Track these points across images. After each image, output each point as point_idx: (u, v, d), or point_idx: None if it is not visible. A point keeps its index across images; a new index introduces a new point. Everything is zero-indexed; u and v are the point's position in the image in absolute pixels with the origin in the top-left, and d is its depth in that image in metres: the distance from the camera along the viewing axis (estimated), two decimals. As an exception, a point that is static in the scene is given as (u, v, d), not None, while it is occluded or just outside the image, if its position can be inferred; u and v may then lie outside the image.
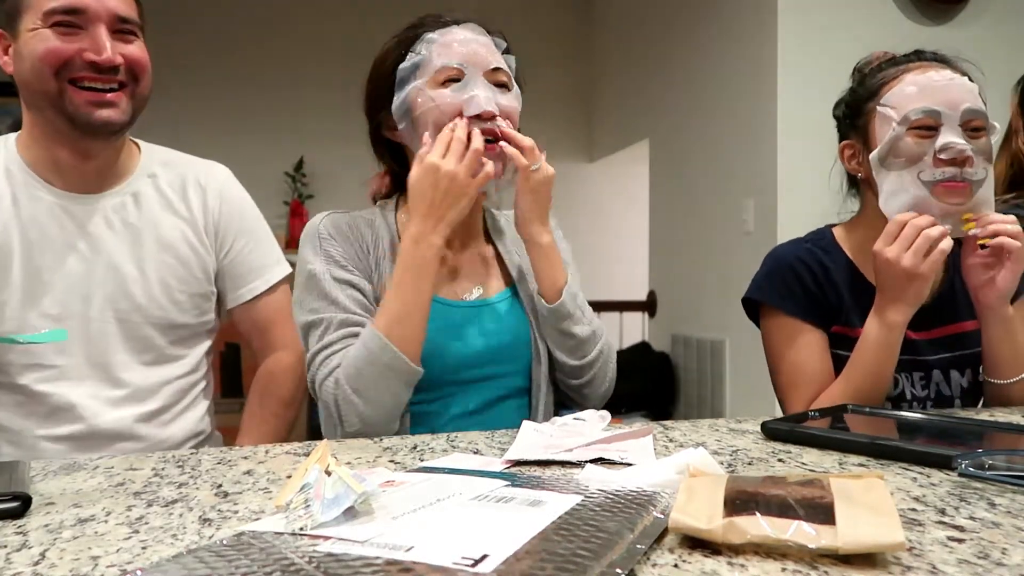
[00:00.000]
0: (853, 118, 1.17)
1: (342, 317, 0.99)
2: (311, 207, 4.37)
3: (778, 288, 1.18)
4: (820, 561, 0.45)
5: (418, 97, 1.01)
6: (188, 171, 1.19)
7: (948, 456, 0.67)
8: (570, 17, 4.94)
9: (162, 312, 1.12)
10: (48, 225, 1.07)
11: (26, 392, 1.06)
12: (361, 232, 1.06)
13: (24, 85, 1.03)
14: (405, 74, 1.02)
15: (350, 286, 1.01)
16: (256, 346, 1.24)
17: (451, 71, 1.00)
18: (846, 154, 1.19)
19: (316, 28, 4.50)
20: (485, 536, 0.47)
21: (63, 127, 1.04)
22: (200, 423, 1.20)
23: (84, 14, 0.99)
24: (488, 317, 1.08)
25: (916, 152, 1.05)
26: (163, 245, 1.13)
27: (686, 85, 3.50)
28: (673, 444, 0.82)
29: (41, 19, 0.98)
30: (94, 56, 0.99)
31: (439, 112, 0.99)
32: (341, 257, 1.03)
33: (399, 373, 0.94)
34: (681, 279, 3.61)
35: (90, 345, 1.08)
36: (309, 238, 1.05)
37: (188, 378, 1.17)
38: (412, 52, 1.02)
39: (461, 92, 0.99)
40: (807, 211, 2.66)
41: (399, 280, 0.96)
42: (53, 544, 0.51)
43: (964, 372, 1.18)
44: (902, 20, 2.79)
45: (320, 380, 0.98)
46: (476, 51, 1.01)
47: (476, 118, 0.98)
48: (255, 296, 1.21)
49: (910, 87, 1.07)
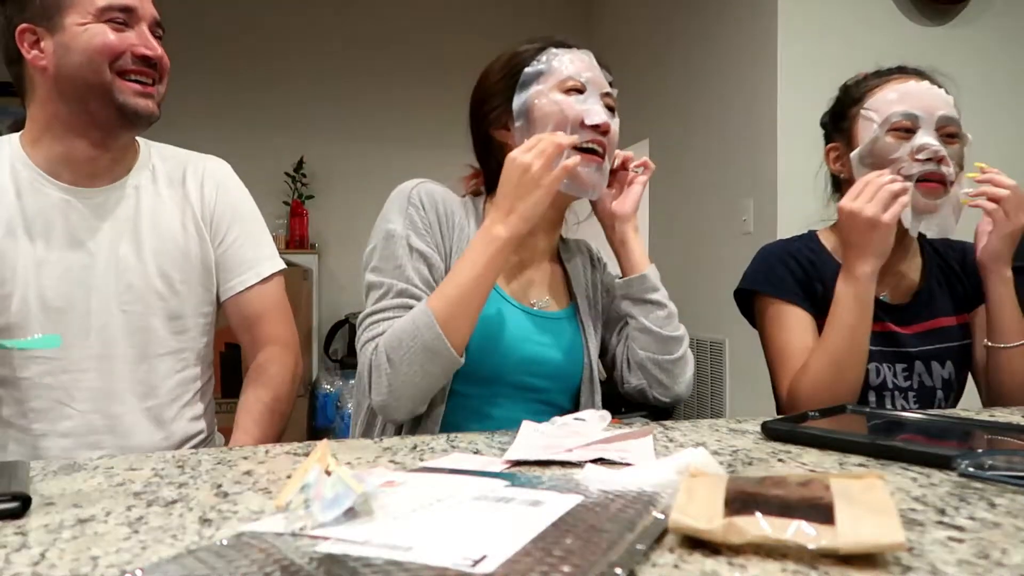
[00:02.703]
0: (837, 122, 1.26)
1: (402, 287, 1.01)
2: (311, 207, 4.37)
3: (767, 275, 1.26)
4: (820, 561, 0.45)
5: (540, 99, 1.05)
6: (187, 162, 1.21)
7: (948, 456, 0.67)
8: (570, 17, 4.94)
9: (163, 302, 1.13)
10: (53, 219, 1.08)
11: (30, 385, 1.07)
12: (452, 208, 1.09)
13: (68, 77, 1.05)
14: (530, 77, 1.07)
15: (421, 258, 1.03)
16: (245, 340, 1.23)
17: (576, 82, 1.06)
18: (831, 156, 1.28)
19: (316, 28, 4.50)
20: (485, 536, 0.47)
21: (106, 117, 1.07)
22: (201, 421, 1.20)
23: (133, 12, 1.07)
24: (548, 328, 1.11)
25: (893, 151, 1.14)
26: (163, 236, 1.14)
27: (686, 85, 3.50)
28: (673, 444, 0.82)
29: (93, 15, 1.04)
30: (146, 51, 1.06)
31: (562, 116, 1.04)
32: (423, 226, 1.04)
33: (438, 356, 0.94)
34: (681, 279, 3.61)
35: (92, 338, 1.09)
36: (398, 198, 1.07)
37: (189, 372, 1.18)
38: (537, 60, 1.08)
39: (582, 103, 1.05)
40: (807, 211, 2.67)
41: (461, 266, 0.97)
42: (53, 544, 0.51)
43: (944, 364, 1.23)
44: (902, 20, 2.79)
45: (363, 342, 1.00)
46: (596, 73, 1.10)
47: (594, 128, 1.05)
48: (246, 288, 1.20)
49: (891, 93, 1.17)
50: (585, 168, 1.04)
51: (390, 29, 4.57)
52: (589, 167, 1.05)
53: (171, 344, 1.15)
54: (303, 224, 4.35)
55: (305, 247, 4.30)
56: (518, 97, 1.07)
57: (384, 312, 1.00)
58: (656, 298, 1.12)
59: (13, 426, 1.08)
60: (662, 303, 1.12)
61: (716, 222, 3.20)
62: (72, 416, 1.08)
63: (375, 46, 4.55)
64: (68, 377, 1.07)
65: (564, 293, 1.18)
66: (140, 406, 1.12)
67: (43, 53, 1.05)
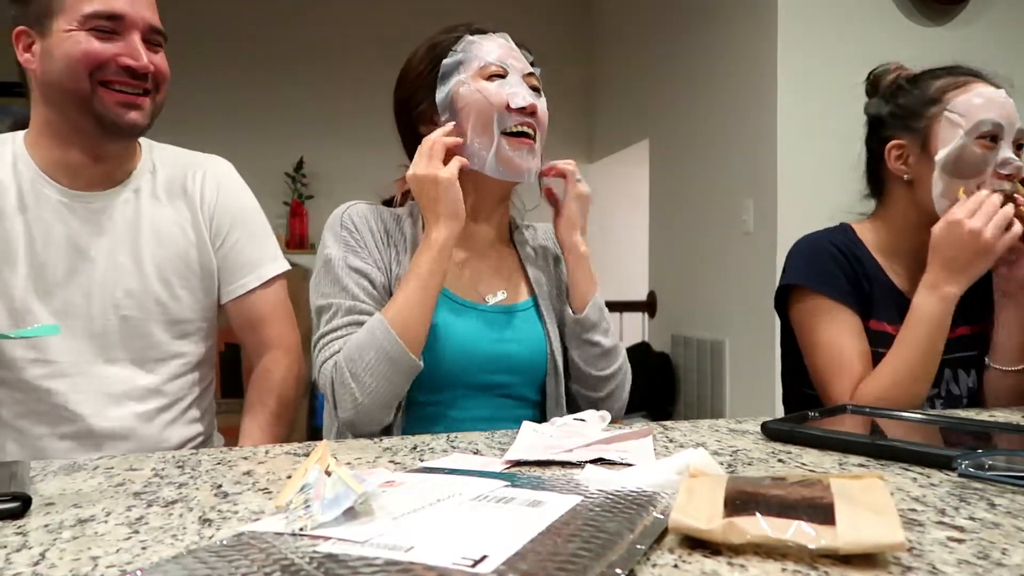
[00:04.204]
0: (906, 119, 1.18)
1: (350, 304, 1.01)
2: (311, 207, 4.37)
3: (819, 272, 1.18)
4: (820, 561, 0.45)
5: (462, 89, 1.04)
6: (188, 164, 1.19)
7: (948, 456, 0.67)
8: (570, 17, 4.94)
9: (162, 308, 1.12)
10: (53, 223, 1.07)
11: (30, 388, 1.06)
12: (385, 223, 1.09)
13: (50, 84, 1.03)
14: (450, 68, 1.06)
15: (362, 275, 1.03)
16: (249, 343, 1.22)
17: (497, 67, 1.05)
18: (893, 154, 1.19)
19: (316, 28, 4.50)
20: (485, 536, 0.47)
21: (86, 127, 1.05)
22: (201, 424, 1.20)
23: (122, 21, 1.03)
24: (507, 323, 1.09)
25: (980, 162, 1.10)
26: (163, 240, 1.13)
27: (686, 85, 3.50)
28: (673, 444, 0.82)
29: (78, 22, 1.01)
30: (130, 62, 1.03)
31: (486, 103, 1.03)
32: (358, 245, 1.05)
33: (399, 362, 0.95)
34: (681, 279, 3.61)
35: (93, 342, 1.08)
36: (331, 225, 1.08)
37: (189, 376, 1.17)
38: (454, 50, 1.06)
39: (504, 87, 1.04)
40: (807, 211, 2.67)
41: (408, 276, 0.99)
42: (53, 544, 0.51)
43: (969, 373, 1.21)
44: (901, 21, 2.79)
45: (320, 363, 1.00)
46: (516, 55, 1.08)
47: (520, 111, 1.03)
48: (248, 291, 1.19)
49: (976, 98, 1.12)
50: (515, 151, 1.04)
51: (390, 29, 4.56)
52: (520, 150, 1.04)
53: (171, 349, 1.14)
54: (303, 224, 4.36)
55: (305, 247, 4.30)
56: (440, 90, 1.06)
57: (336, 331, 1.01)
58: (593, 338, 1.09)
59: (12, 428, 1.07)
60: (598, 343, 1.09)
61: (716, 222, 3.20)
62: (72, 419, 1.07)
63: (375, 46, 4.55)
64: (68, 381, 1.07)
65: (524, 282, 1.15)
66: (138, 410, 1.11)
67: (34, 57, 1.04)
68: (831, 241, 1.21)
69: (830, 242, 1.21)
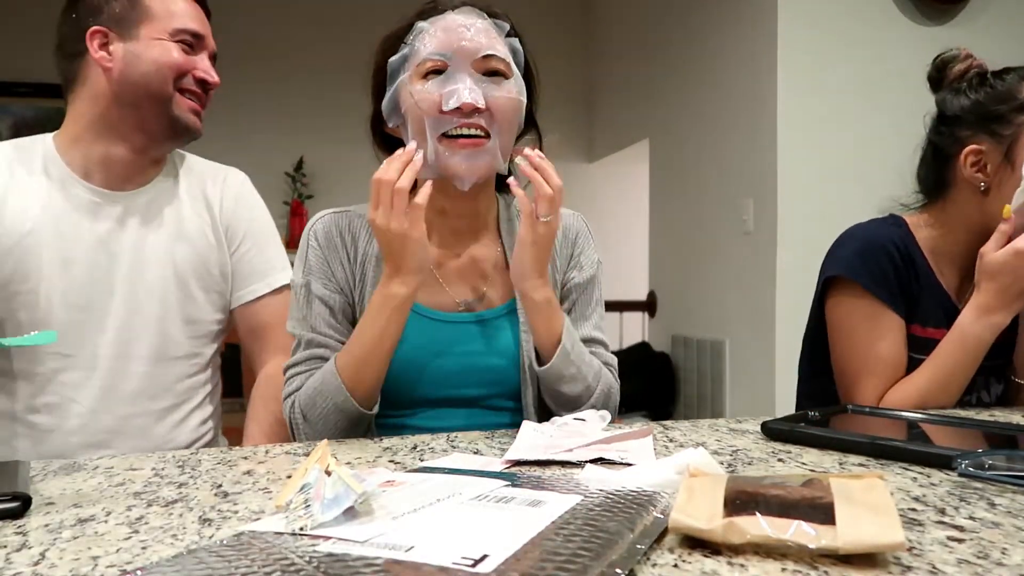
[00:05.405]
0: (991, 123, 1.09)
1: (309, 337, 0.99)
2: (311, 207, 4.37)
3: (871, 269, 1.13)
4: (820, 561, 0.45)
5: (403, 93, 0.95)
6: (209, 171, 1.26)
7: (948, 456, 0.67)
8: (570, 17, 4.94)
9: (180, 306, 1.16)
10: (80, 220, 1.12)
11: (45, 380, 1.09)
12: (354, 233, 1.02)
13: (133, 83, 1.10)
14: (394, 68, 0.96)
15: (323, 303, 0.99)
16: (254, 349, 1.25)
17: (434, 63, 0.92)
18: (969, 160, 1.10)
19: (316, 28, 4.50)
20: (485, 536, 0.47)
21: (155, 127, 1.13)
22: (206, 426, 1.22)
23: (201, 41, 1.17)
24: (476, 334, 1.01)
25: None
26: (185, 241, 1.18)
27: (686, 85, 3.50)
28: (673, 444, 0.82)
29: (169, 33, 1.12)
30: (207, 76, 1.17)
31: (418, 110, 0.92)
32: (319, 269, 1.00)
33: (347, 414, 0.92)
34: (681, 279, 3.61)
35: (110, 336, 1.12)
36: (301, 241, 1.03)
37: (200, 376, 1.21)
38: (404, 44, 0.96)
39: (442, 85, 0.92)
40: (807, 211, 2.69)
41: (364, 325, 0.92)
42: (53, 544, 0.51)
43: (1000, 380, 1.19)
44: (901, 20, 2.79)
45: (284, 396, 0.99)
46: (464, 38, 0.93)
47: (457, 112, 0.90)
48: (256, 298, 1.24)
49: None
50: (453, 155, 0.92)
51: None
52: (457, 153, 0.91)
53: (185, 347, 1.18)
54: (303, 224, 4.35)
55: (305, 247, 4.30)
56: (388, 93, 0.97)
57: (297, 366, 0.99)
58: (560, 389, 0.97)
59: (22, 421, 1.09)
60: (564, 393, 0.97)
61: (716, 222, 3.20)
62: (81, 414, 1.10)
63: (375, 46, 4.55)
64: (81, 374, 1.10)
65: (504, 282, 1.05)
66: (150, 407, 1.14)
67: (111, 56, 1.10)
68: (891, 239, 1.14)
69: (890, 239, 1.14)
